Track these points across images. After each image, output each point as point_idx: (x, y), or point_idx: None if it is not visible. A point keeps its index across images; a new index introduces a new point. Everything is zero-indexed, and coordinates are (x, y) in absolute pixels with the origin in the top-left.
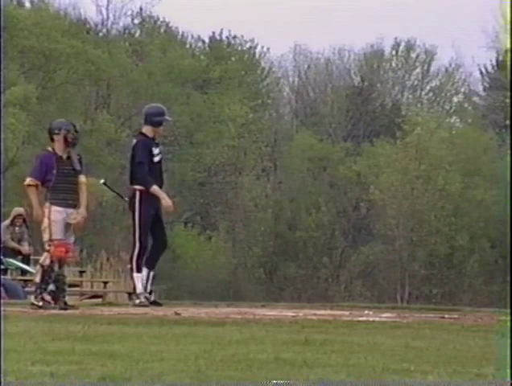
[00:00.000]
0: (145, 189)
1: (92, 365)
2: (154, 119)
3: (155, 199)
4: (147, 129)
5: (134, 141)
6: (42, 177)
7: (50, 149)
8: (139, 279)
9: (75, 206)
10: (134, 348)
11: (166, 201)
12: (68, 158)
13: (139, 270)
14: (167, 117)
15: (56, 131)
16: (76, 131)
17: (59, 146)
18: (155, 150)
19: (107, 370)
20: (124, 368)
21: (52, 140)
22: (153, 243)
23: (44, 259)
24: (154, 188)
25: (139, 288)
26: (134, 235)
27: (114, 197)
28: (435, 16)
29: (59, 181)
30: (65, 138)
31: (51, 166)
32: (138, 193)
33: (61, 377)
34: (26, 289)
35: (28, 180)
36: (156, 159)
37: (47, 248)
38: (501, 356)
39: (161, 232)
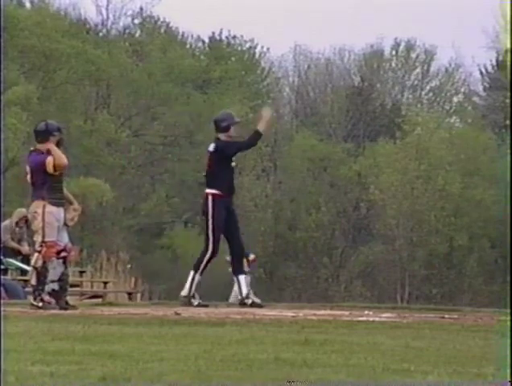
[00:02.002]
0: (218, 192)
1: (93, 365)
2: (221, 125)
3: (227, 202)
4: (221, 136)
5: (213, 145)
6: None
7: (40, 152)
8: (196, 280)
9: (64, 204)
10: (134, 348)
11: None
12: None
13: (202, 273)
14: (235, 119)
15: (55, 133)
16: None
17: (49, 148)
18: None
19: (107, 370)
20: (124, 368)
21: (45, 141)
22: (230, 248)
23: (36, 260)
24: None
25: (192, 290)
26: (208, 239)
27: (114, 197)
28: (435, 16)
29: (55, 181)
30: (58, 142)
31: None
32: (210, 197)
33: (61, 377)
34: (26, 289)
35: (59, 159)
36: (233, 164)
37: (38, 249)
38: (501, 356)
39: (235, 235)
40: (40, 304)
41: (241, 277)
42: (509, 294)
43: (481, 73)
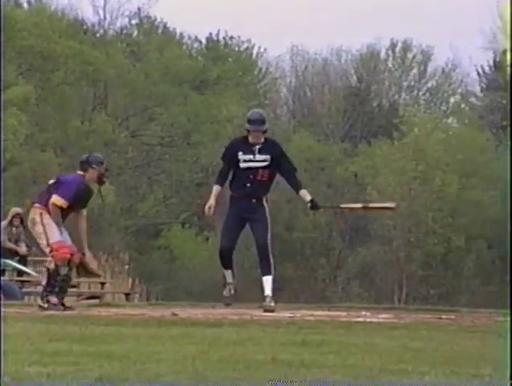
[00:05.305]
0: (232, 193)
1: (90, 366)
2: (246, 125)
3: (243, 201)
4: (247, 133)
5: None
6: (71, 201)
7: (82, 176)
8: (226, 273)
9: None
10: (132, 349)
11: (207, 204)
12: (91, 192)
13: (223, 267)
14: (251, 127)
15: (94, 166)
16: (107, 170)
17: (90, 178)
18: (243, 156)
19: (104, 371)
20: (121, 369)
21: (85, 171)
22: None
23: (49, 263)
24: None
25: (226, 279)
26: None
27: (114, 198)
28: (431, 16)
29: (73, 205)
30: (100, 176)
31: (82, 194)
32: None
33: (58, 378)
34: (23, 289)
35: (60, 201)
36: (242, 165)
37: (49, 253)
38: (498, 357)
39: (257, 233)
40: (46, 305)
41: (263, 278)
42: (509, 295)
43: (479, 74)
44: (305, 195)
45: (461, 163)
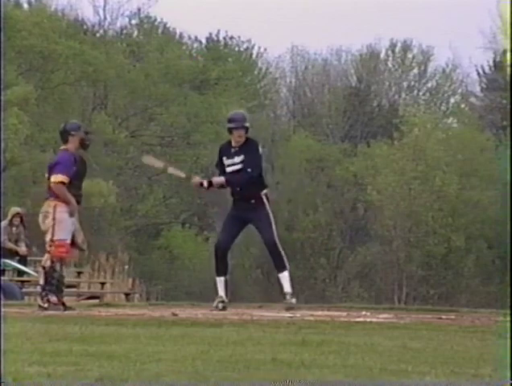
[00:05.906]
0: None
1: (90, 366)
2: (227, 125)
3: (242, 203)
4: (229, 134)
5: None
6: (70, 175)
7: (66, 149)
8: (218, 282)
9: (80, 201)
10: (132, 349)
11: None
12: (84, 161)
13: (217, 271)
14: (231, 125)
15: (73, 133)
16: (87, 132)
17: (73, 147)
18: (227, 161)
19: (104, 371)
20: (121, 369)
21: (66, 141)
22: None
23: (45, 260)
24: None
25: (218, 291)
26: None
27: (115, 197)
28: (431, 17)
29: (75, 179)
30: (82, 140)
31: (76, 166)
32: None
33: (58, 378)
34: (23, 289)
35: (59, 177)
36: (227, 170)
37: (48, 248)
38: (498, 357)
39: (263, 232)
40: (46, 305)
41: (279, 275)
42: (510, 296)
43: (479, 74)
44: (219, 179)
45: (461, 163)
